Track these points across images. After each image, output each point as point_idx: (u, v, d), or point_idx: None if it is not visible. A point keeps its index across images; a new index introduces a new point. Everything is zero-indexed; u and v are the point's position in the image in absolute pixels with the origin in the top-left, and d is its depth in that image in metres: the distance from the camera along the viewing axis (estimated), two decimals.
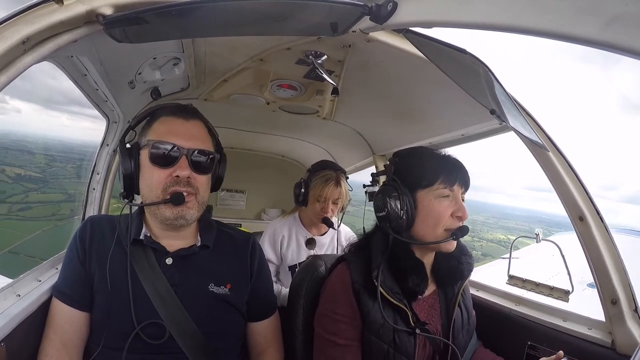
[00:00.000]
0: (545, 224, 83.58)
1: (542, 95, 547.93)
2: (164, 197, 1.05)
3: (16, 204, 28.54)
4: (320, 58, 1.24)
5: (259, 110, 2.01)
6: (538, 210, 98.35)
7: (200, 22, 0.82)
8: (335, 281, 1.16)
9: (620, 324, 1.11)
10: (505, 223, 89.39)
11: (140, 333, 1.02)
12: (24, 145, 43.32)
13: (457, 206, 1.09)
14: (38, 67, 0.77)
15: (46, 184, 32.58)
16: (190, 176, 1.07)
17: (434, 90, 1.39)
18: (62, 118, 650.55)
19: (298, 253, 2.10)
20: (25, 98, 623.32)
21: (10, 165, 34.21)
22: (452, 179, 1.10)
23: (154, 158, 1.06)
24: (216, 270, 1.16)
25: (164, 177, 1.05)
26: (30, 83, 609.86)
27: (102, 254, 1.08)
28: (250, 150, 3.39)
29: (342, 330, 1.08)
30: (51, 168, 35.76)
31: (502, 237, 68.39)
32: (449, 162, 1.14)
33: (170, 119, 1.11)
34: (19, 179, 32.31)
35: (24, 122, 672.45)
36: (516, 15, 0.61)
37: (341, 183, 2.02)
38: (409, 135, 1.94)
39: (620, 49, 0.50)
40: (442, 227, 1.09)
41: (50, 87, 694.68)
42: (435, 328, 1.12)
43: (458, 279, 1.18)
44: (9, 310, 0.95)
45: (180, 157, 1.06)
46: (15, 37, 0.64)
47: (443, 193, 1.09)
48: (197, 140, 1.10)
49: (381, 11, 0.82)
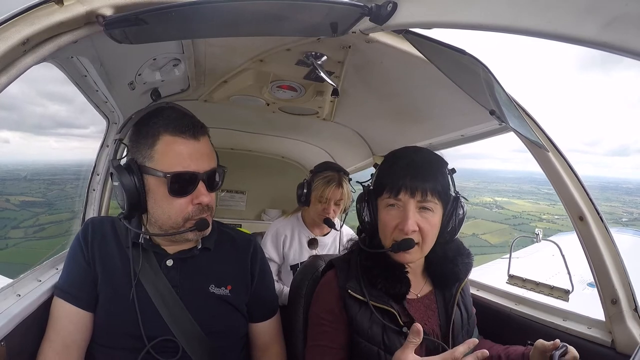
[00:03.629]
0: (536, 183, 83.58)
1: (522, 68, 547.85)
2: (185, 224, 1.04)
3: (30, 227, 30.14)
4: (320, 59, 1.25)
5: (259, 111, 2.01)
6: (529, 171, 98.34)
7: (200, 23, 0.82)
8: (323, 286, 1.18)
9: (620, 324, 1.11)
10: (495, 186, 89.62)
11: (151, 350, 1.02)
12: (17, 174, 44.48)
13: (401, 216, 1.03)
14: (21, 93, 0.76)
15: (52, 206, 33.82)
16: (210, 200, 1.07)
17: (433, 91, 1.39)
18: (50, 141, 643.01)
19: (300, 253, 2.11)
20: (13, 127, 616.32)
21: (13, 194, 35.50)
22: (396, 187, 1.03)
23: (174, 191, 1.00)
24: (217, 272, 1.16)
25: (185, 205, 1.02)
26: (18, 114, 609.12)
27: (103, 256, 1.09)
28: (250, 151, 3.39)
29: (325, 333, 1.09)
30: (51, 191, 36.84)
31: (489, 199, 69.05)
32: (399, 168, 1.07)
33: (177, 140, 1.01)
34: (25, 205, 33.64)
35: (15, 151, 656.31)
36: (516, 16, 0.61)
37: (343, 184, 2.03)
38: (409, 136, 1.94)
39: (620, 50, 0.50)
40: (389, 237, 1.06)
41: (37, 114, 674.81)
42: (432, 329, 1.11)
43: (454, 282, 1.15)
44: (10, 310, 0.95)
45: (198, 182, 1.03)
46: (15, 37, 0.64)
47: (388, 202, 1.06)
48: (210, 160, 1.06)
49: (381, 12, 0.82)
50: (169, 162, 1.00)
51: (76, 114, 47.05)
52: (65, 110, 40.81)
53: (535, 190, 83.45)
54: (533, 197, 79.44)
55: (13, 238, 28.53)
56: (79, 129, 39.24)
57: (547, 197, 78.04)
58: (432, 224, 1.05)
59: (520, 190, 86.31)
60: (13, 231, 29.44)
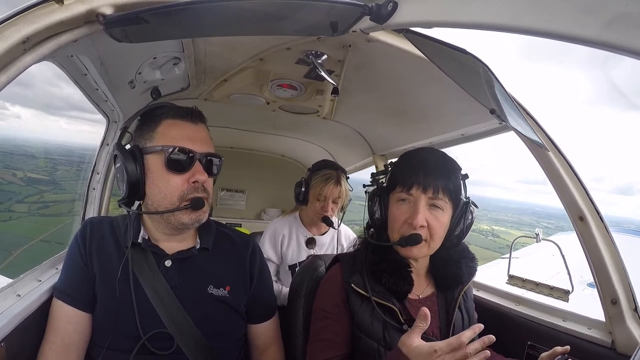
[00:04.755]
0: (537, 216, 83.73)
1: (533, 91, 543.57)
2: (180, 204, 1.04)
3: (34, 203, 31.18)
4: (321, 58, 1.24)
5: (259, 110, 2.01)
6: (532, 202, 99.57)
7: (200, 21, 0.82)
8: (328, 280, 1.19)
9: (620, 324, 1.11)
10: (495, 215, 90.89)
11: (146, 343, 1.02)
12: (25, 149, 45.35)
13: (411, 211, 1.05)
14: (39, 72, 0.77)
15: (57, 186, 34.79)
16: (206, 180, 1.08)
17: (434, 90, 1.39)
18: (61, 122, 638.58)
19: (298, 252, 2.11)
20: (26, 104, 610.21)
21: (20, 169, 36.55)
22: (409, 182, 1.06)
23: (171, 164, 1.04)
24: (215, 272, 1.16)
25: (181, 183, 1.05)
26: (32, 90, 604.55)
27: (102, 256, 1.09)
28: (250, 150, 3.39)
29: (329, 327, 1.10)
30: (57, 171, 37.72)
31: (486, 227, 70.27)
32: (413, 164, 1.10)
33: (179, 122, 1.08)
34: (30, 181, 34.54)
35: (25, 127, 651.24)
36: (516, 15, 0.61)
37: (341, 182, 2.03)
38: (409, 135, 1.94)
39: (620, 49, 0.50)
40: (397, 232, 1.08)
41: (50, 93, 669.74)
42: (432, 331, 1.10)
43: (456, 285, 1.15)
44: (9, 310, 0.95)
45: (194, 161, 1.06)
46: (15, 36, 0.64)
47: (400, 197, 1.08)
48: (207, 144, 1.11)
49: (381, 11, 0.82)
50: (168, 139, 1.05)
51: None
52: (80, 94, 41.63)
53: (534, 222, 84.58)
54: (531, 229, 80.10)
55: (17, 212, 29.72)
56: (90, 113, 39.17)
57: (545, 230, 78.76)
58: (441, 222, 1.06)
59: (519, 222, 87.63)
60: (17, 205, 30.58)
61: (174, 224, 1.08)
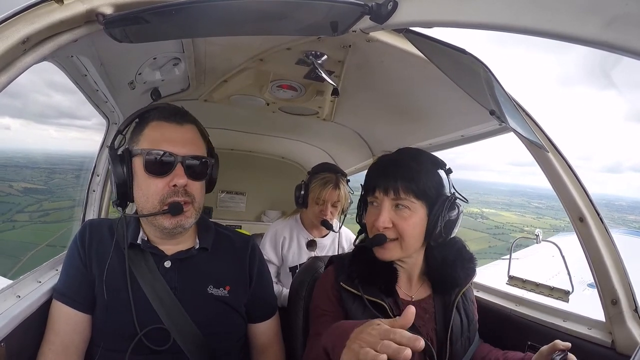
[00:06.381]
0: (527, 197, 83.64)
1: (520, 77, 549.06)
2: (161, 208, 1.03)
3: (35, 212, 32.92)
4: (320, 58, 1.25)
5: (258, 111, 2.01)
6: (523, 184, 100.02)
7: (200, 21, 0.82)
8: (321, 281, 1.22)
9: (620, 324, 1.11)
10: (487, 198, 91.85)
11: (143, 338, 1.01)
12: (17, 161, 46.44)
13: (377, 214, 1.07)
14: (29, 81, 0.77)
15: (54, 194, 36.00)
16: (187, 184, 1.05)
17: (434, 91, 1.39)
18: (50, 130, 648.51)
19: (299, 254, 2.11)
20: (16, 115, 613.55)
21: (15, 180, 37.75)
22: (372, 185, 1.10)
23: (149, 167, 1.03)
24: (215, 272, 1.16)
25: (161, 187, 1.03)
26: (21, 101, 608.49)
27: (101, 258, 1.08)
28: (250, 152, 3.38)
29: (327, 323, 1.09)
30: (52, 180, 38.71)
31: (476, 210, 71.49)
32: (377, 168, 1.13)
33: (162, 124, 1.07)
34: (27, 191, 35.90)
35: (16, 138, 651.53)
36: (516, 15, 0.61)
37: (340, 186, 2.02)
38: (409, 136, 1.94)
39: (620, 49, 0.51)
40: (370, 234, 1.11)
41: (41, 102, 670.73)
42: (427, 333, 1.09)
43: (453, 287, 1.14)
44: (9, 311, 0.95)
45: (175, 164, 1.04)
46: (15, 36, 0.64)
47: (370, 200, 1.12)
48: (191, 146, 1.08)
49: (381, 11, 0.82)
50: (149, 142, 1.05)
51: (78, 104, 45.59)
52: (69, 100, 39.92)
53: (525, 203, 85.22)
54: (521, 209, 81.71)
55: (19, 221, 31.70)
56: (80, 120, 38.33)
57: (536, 210, 79.22)
58: (409, 222, 1.06)
59: (510, 203, 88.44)
60: (18, 215, 32.20)
61: (158, 228, 1.08)
